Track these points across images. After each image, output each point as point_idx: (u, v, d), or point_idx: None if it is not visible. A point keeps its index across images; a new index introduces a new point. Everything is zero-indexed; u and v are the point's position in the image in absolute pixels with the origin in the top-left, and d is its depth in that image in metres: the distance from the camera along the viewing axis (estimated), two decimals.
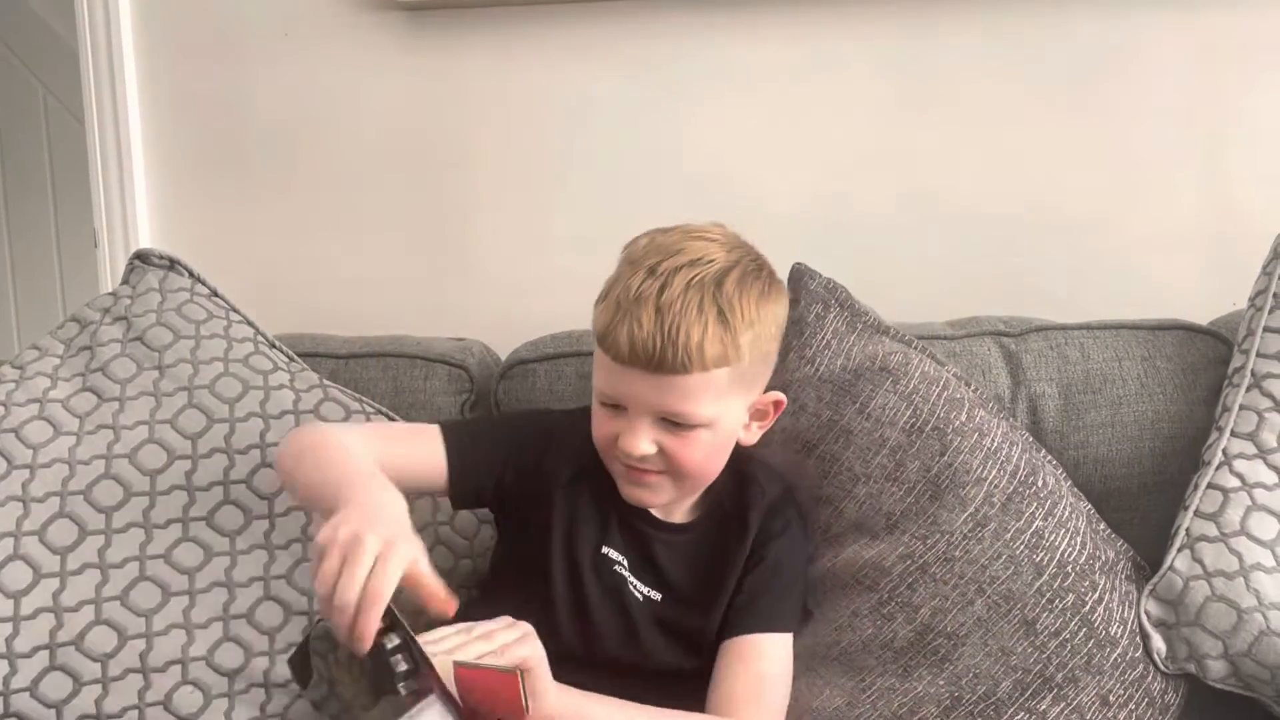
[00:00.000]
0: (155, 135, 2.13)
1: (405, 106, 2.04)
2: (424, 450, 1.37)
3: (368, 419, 1.61)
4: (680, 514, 1.43)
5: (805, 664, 1.45)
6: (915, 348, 1.55)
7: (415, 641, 1.06)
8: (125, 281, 1.71)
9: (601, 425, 1.34)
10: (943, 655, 1.42)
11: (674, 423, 1.29)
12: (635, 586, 1.38)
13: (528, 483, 1.40)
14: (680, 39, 1.97)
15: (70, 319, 1.67)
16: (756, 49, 1.96)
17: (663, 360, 1.24)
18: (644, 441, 1.29)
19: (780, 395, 1.40)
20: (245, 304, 1.73)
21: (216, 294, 1.70)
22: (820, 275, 1.57)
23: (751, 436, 1.40)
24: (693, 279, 1.26)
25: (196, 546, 1.48)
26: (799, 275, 1.58)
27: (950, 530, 1.44)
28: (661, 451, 1.30)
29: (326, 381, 1.65)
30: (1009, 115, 1.92)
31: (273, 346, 1.67)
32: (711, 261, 1.29)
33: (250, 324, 1.68)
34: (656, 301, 1.25)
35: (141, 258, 1.72)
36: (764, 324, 1.31)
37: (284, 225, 2.10)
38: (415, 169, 2.05)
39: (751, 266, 1.33)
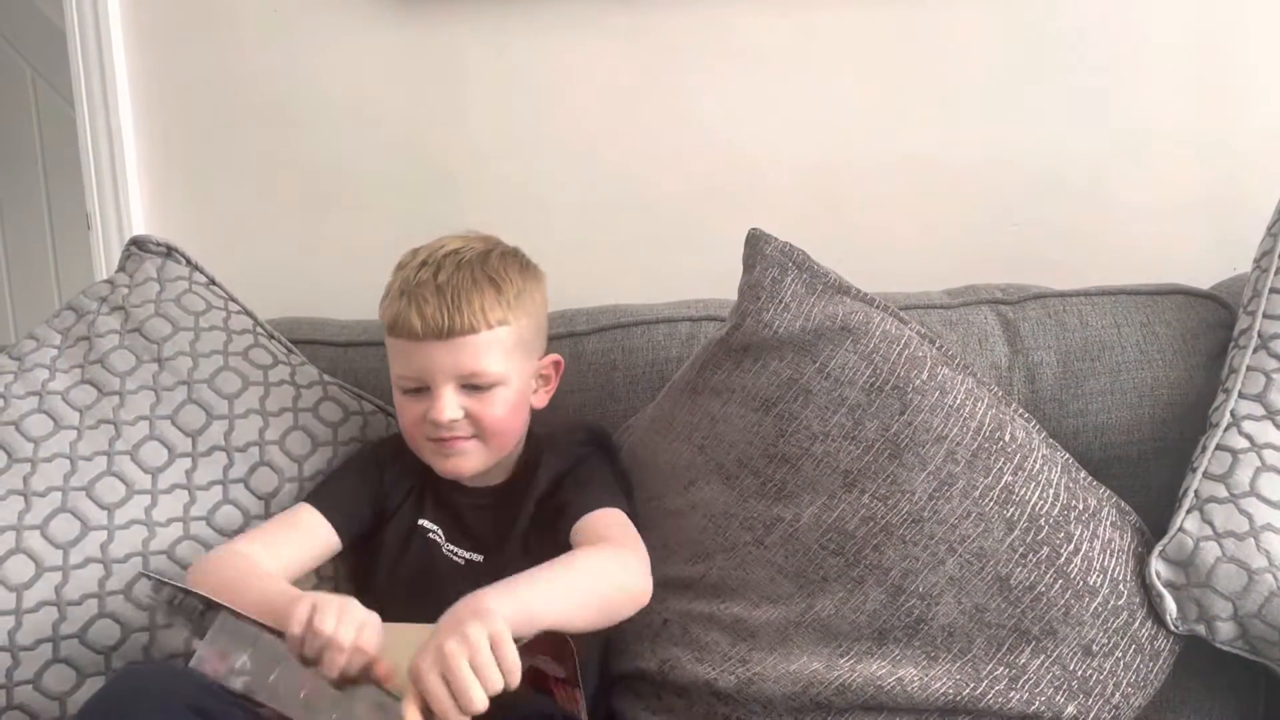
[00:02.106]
0: (146, 116, 2.12)
1: (398, 83, 2.03)
2: (307, 531, 1.49)
3: (365, 421, 1.63)
4: (488, 481, 1.55)
5: (779, 632, 1.47)
6: (877, 306, 1.54)
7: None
8: (122, 269, 1.71)
9: (408, 412, 1.49)
10: (917, 616, 1.44)
11: (473, 386, 1.45)
12: (453, 551, 1.51)
13: (380, 500, 1.55)
14: (675, 8, 1.95)
15: (66, 307, 1.66)
16: (752, 18, 1.94)
17: (453, 326, 1.42)
18: (451, 406, 1.44)
19: (558, 356, 1.59)
20: (239, 284, 1.74)
21: (214, 282, 1.70)
22: (776, 239, 1.55)
23: (541, 400, 1.57)
24: (460, 260, 1.47)
25: (198, 545, 1.49)
26: (754, 240, 1.56)
27: (911, 489, 1.45)
28: (467, 415, 1.46)
29: (326, 377, 1.66)
30: (1007, 81, 1.91)
31: (271, 337, 1.67)
32: (472, 248, 1.50)
33: (249, 314, 1.68)
34: (435, 283, 1.44)
35: (138, 244, 1.72)
36: (530, 292, 1.51)
37: (277, 205, 2.09)
38: (409, 146, 2.04)
39: (508, 250, 1.54)
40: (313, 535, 1.48)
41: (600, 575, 1.37)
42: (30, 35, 3.15)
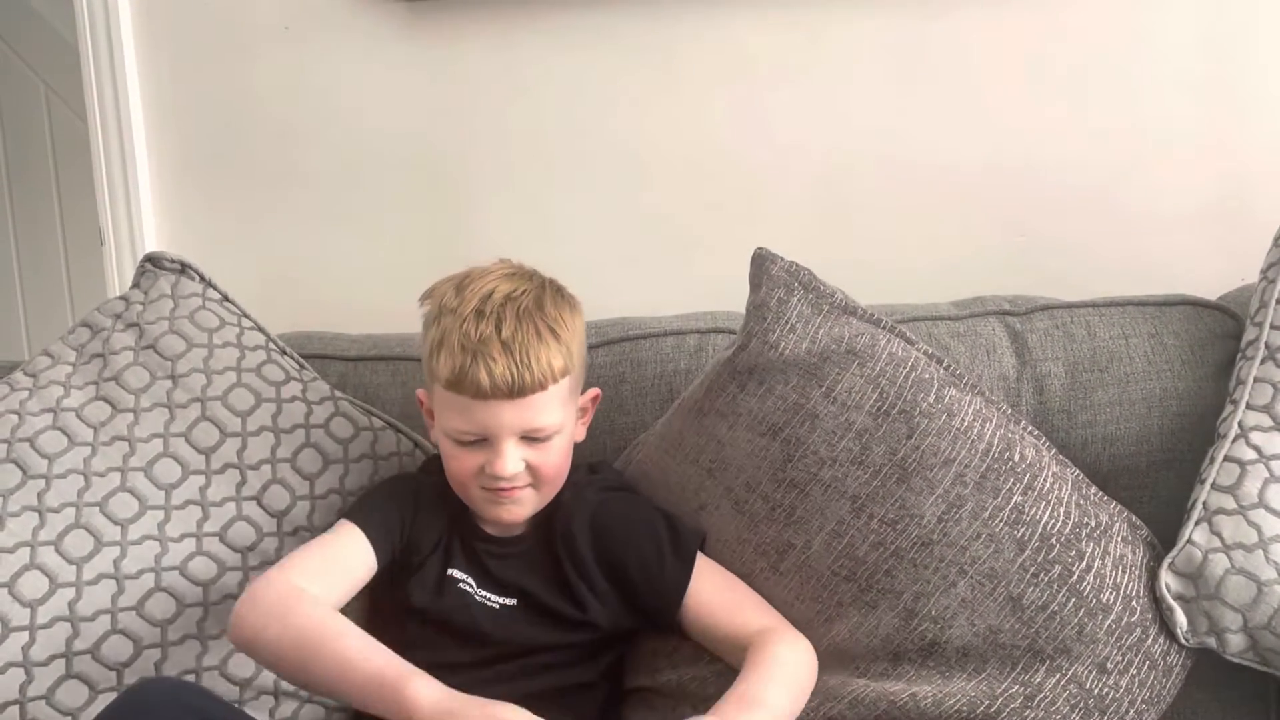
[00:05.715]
0: (158, 131, 2.13)
1: (408, 98, 2.04)
2: (352, 554, 1.47)
3: (375, 437, 1.62)
4: (511, 531, 1.54)
5: None
6: (884, 327, 1.54)
7: None
8: (136, 285, 1.71)
9: (463, 463, 1.47)
10: (931, 639, 1.43)
11: (534, 438, 1.44)
12: (486, 598, 1.50)
13: (408, 536, 1.52)
14: (680, 23, 1.96)
15: (81, 324, 1.67)
16: (760, 29, 1.94)
17: (524, 385, 1.40)
18: (514, 460, 1.44)
19: (597, 390, 1.58)
20: (251, 299, 1.74)
21: (228, 299, 1.70)
22: (782, 259, 1.55)
23: (580, 433, 1.56)
24: (520, 309, 1.44)
25: (211, 561, 1.50)
26: (760, 260, 1.56)
27: (920, 513, 1.44)
28: (526, 466, 1.45)
29: (337, 393, 1.66)
30: (1013, 91, 1.91)
31: (283, 353, 1.67)
32: (525, 291, 1.47)
33: (262, 330, 1.69)
34: (500, 339, 1.41)
35: (153, 261, 1.72)
36: (579, 333, 1.51)
37: (288, 219, 2.10)
38: (419, 161, 2.05)
39: (552, 287, 1.51)
40: (356, 559, 1.46)
41: (803, 669, 1.43)
42: (43, 51, 3.16)
